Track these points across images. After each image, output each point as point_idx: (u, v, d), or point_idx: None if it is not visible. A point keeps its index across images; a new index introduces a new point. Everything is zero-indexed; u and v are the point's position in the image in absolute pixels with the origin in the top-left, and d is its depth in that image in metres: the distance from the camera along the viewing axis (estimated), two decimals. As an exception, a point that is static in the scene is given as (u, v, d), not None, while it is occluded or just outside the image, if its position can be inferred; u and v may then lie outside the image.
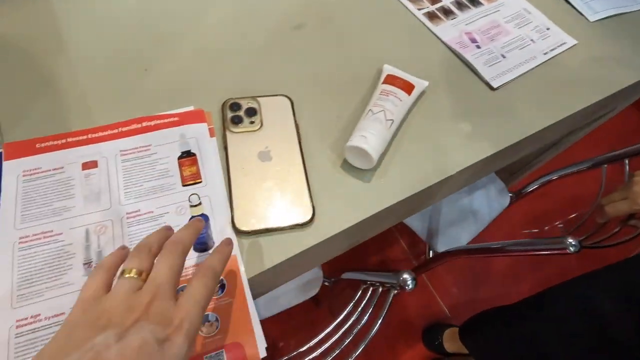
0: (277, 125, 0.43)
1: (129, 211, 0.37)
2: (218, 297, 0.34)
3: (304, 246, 0.38)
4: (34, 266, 0.33)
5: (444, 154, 0.45)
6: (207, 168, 0.40)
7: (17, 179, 0.37)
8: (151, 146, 0.40)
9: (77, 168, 0.38)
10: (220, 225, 0.37)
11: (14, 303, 0.32)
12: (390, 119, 0.42)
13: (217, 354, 0.33)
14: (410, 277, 0.45)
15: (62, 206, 0.36)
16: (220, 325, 0.33)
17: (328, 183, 0.42)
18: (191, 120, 0.42)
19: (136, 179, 0.39)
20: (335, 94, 0.48)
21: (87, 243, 0.35)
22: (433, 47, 0.55)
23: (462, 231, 0.92)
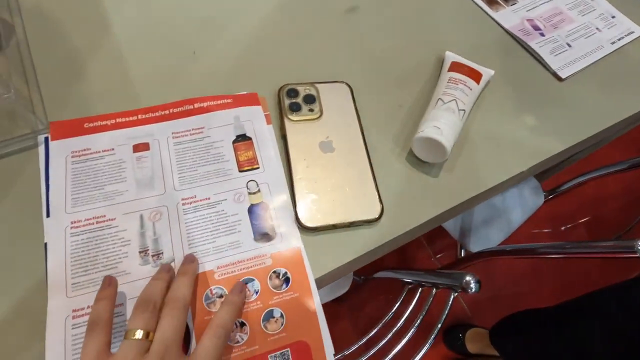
0: (337, 113, 0.40)
1: (184, 197, 0.34)
2: (282, 291, 0.32)
3: (372, 244, 0.35)
4: (88, 253, 0.31)
5: (511, 149, 0.42)
6: (264, 153, 0.37)
7: (65, 160, 0.35)
8: (204, 128, 0.38)
9: (128, 150, 0.36)
10: (281, 215, 0.35)
11: (69, 292, 0.30)
12: (463, 108, 0.39)
13: (282, 353, 0.30)
14: (473, 279, 0.42)
15: (114, 190, 0.34)
16: (285, 322, 0.31)
17: (393, 177, 0.39)
18: (245, 102, 0.40)
19: (190, 163, 0.36)
20: (394, 81, 0.45)
21: (142, 230, 0.32)
22: (493, 33, 0.51)
23: (495, 230, 0.89)
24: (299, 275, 0.33)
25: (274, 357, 0.30)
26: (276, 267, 0.33)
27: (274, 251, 0.33)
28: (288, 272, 0.33)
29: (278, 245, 0.34)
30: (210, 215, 0.34)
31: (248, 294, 0.31)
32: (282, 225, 0.34)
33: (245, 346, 0.30)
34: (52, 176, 0.34)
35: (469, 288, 0.42)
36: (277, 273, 0.33)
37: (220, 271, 0.32)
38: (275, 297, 0.32)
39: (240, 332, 0.30)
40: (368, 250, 0.35)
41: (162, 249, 0.32)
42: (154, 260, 0.32)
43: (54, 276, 0.30)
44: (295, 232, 0.34)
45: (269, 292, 0.32)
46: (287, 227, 0.34)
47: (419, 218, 0.37)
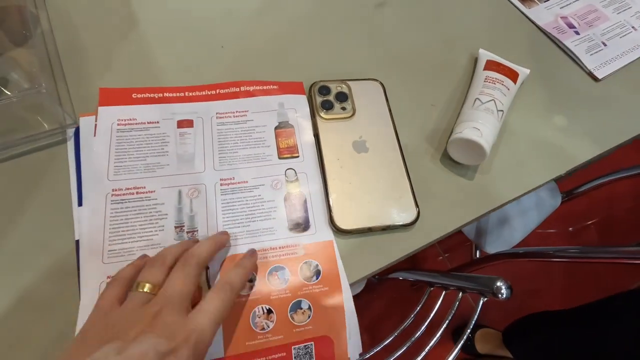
0: (370, 112, 0.39)
1: (223, 177, 0.34)
2: (312, 283, 0.31)
3: (408, 249, 0.34)
4: (126, 222, 0.31)
5: (547, 152, 0.41)
6: (304, 143, 0.37)
7: (111, 127, 0.35)
8: (248, 112, 0.38)
9: (172, 125, 0.36)
10: (317, 206, 0.34)
11: (105, 258, 0.30)
12: (501, 109, 0.37)
13: (306, 346, 0.30)
14: (504, 285, 0.41)
15: (155, 162, 0.34)
16: (312, 315, 0.30)
17: (427, 179, 0.37)
18: (291, 90, 0.39)
19: (231, 145, 0.36)
20: (425, 79, 0.44)
21: (180, 205, 0.32)
22: (526, 31, 0.50)
23: (511, 232, 0.87)
24: (330, 269, 0.32)
25: (297, 349, 0.29)
26: (308, 258, 0.32)
27: (307, 242, 0.33)
28: (319, 264, 0.32)
29: (311, 237, 0.33)
30: (247, 198, 0.34)
31: (278, 282, 0.31)
32: (317, 216, 0.34)
33: (270, 334, 0.29)
34: (97, 141, 0.34)
35: (499, 294, 0.41)
36: (308, 264, 0.32)
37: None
38: (305, 288, 0.31)
39: (266, 319, 0.30)
40: (402, 256, 0.34)
41: (197, 227, 0.32)
42: (189, 237, 0.31)
43: (91, 240, 0.30)
44: (328, 225, 0.34)
45: (298, 282, 0.31)
46: (321, 219, 0.34)
47: (454, 222, 0.36)
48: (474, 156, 0.36)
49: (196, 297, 0.29)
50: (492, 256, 0.80)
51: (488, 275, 0.43)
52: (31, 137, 0.33)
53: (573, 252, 0.59)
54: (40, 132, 0.33)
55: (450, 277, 0.50)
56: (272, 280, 0.31)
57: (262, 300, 0.30)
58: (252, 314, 0.30)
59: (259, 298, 0.30)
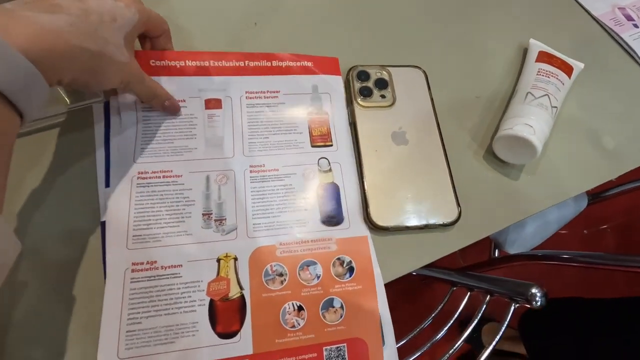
0: (410, 101, 0.36)
1: (252, 164, 0.32)
2: (345, 281, 0.30)
3: (446, 250, 0.32)
4: (152, 207, 0.29)
5: (597, 154, 0.38)
6: (338, 131, 0.35)
7: (135, 104, 0.32)
8: (279, 93, 0.35)
9: (200, 105, 0.33)
10: (352, 199, 0.32)
11: (130, 244, 0.28)
12: (555, 105, 0.35)
13: (338, 348, 0.28)
14: (540, 292, 0.39)
15: (183, 146, 0.32)
16: (345, 314, 0.29)
17: (469, 176, 0.35)
18: (326, 70, 0.36)
19: (262, 130, 0.34)
20: (470, 68, 0.41)
21: (208, 192, 0.31)
22: (580, 21, 0.46)
23: (533, 232, 0.85)
24: (364, 266, 0.30)
25: (329, 350, 0.28)
26: (341, 253, 0.31)
27: (340, 237, 0.31)
28: (353, 261, 0.30)
29: (345, 231, 0.31)
30: (278, 187, 0.32)
31: (309, 278, 0.29)
32: (352, 210, 0.32)
33: (301, 332, 0.28)
34: (123, 120, 0.31)
35: (534, 301, 0.39)
36: (341, 260, 0.30)
37: (282, 248, 0.30)
38: (337, 285, 0.30)
39: (297, 316, 0.28)
40: (440, 257, 0.32)
41: (225, 215, 0.30)
42: (217, 225, 0.30)
43: (116, 224, 0.28)
44: (362, 220, 0.32)
45: (331, 279, 0.30)
46: (355, 213, 0.32)
47: (496, 224, 0.34)
48: (522, 155, 0.34)
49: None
50: (512, 257, 0.77)
51: (521, 281, 0.41)
52: (58, 113, 0.31)
53: (593, 258, 0.57)
54: (67, 106, 0.31)
55: (477, 279, 0.48)
56: (304, 275, 0.29)
57: (292, 296, 0.29)
58: (282, 311, 0.28)
59: (290, 294, 0.29)
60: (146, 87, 0.29)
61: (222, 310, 0.27)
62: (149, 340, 0.26)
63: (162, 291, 0.27)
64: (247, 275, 0.29)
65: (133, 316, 0.26)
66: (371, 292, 0.30)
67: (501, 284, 0.44)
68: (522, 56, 0.42)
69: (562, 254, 0.64)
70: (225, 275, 0.28)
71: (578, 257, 0.60)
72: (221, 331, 0.27)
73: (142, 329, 0.26)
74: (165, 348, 0.26)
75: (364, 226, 0.32)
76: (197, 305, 0.27)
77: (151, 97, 0.30)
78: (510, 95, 0.38)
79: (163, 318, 0.26)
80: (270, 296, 0.28)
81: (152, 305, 0.27)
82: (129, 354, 0.25)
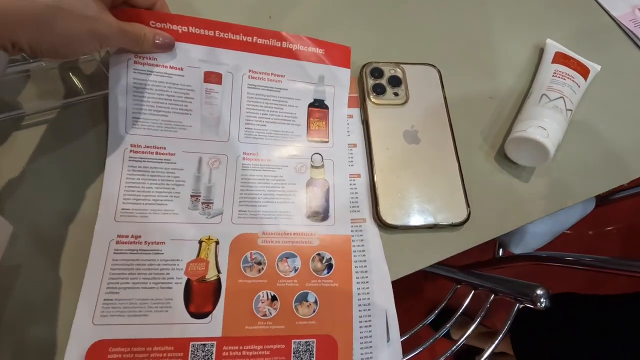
0: (424, 100, 0.36)
1: (246, 151, 0.32)
2: (322, 277, 0.30)
3: (453, 250, 0.32)
4: (142, 183, 0.29)
5: (611, 158, 0.38)
6: (336, 128, 0.34)
7: (127, 64, 0.30)
8: (284, 78, 0.34)
9: (198, 77, 0.32)
10: (340, 197, 0.32)
11: (117, 216, 0.28)
12: (570, 108, 0.34)
13: (307, 342, 0.28)
14: (545, 294, 0.39)
15: (177, 121, 0.31)
16: (318, 310, 0.29)
17: (479, 177, 0.35)
18: (336, 60, 0.35)
19: (260, 115, 0.33)
20: (485, 68, 0.40)
21: (199, 174, 0.31)
22: (598, 21, 0.45)
23: (539, 233, 0.85)
24: (343, 265, 0.31)
25: (297, 343, 0.28)
26: (322, 250, 0.31)
27: (324, 233, 0.31)
28: (333, 258, 0.31)
29: (329, 228, 0.31)
30: (268, 178, 0.32)
31: (287, 269, 0.30)
32: (338, 208, 0.32)
33: (271, 322, 0.28)
34: (111, 80, 0.30)
35: (539, 302, 0.39)
36: (321, 256, 0.31)
37: (264, 237, 0.30)
38: (314, 280, 0.30)
39: (269, 305, 0.29)
40: (447, 257, 0.32)
41: (213, 199, 0.30)
42: (203, 208, 0.30)
43: (107, 195, 0.29)
44: (348, 219, 0.32)
45: (308, 273, 0.30)
46: (342, 212, 0.32)
47: (504, 226, 0.34)
48: (535, 157, 0.33)
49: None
50: (516, 257, 0.77)
51: (527, 282, 0.41)
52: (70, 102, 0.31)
53: (598, 261, 0.57)
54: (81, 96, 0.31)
55: (481, 278, 0.49)
56: (282, 266, 0.30)
57: (267, 285, 0.29)
58: (255, 298, 0.29)
59: (265, 283, 0.29)
60: (129, 35, 0.28)
61: (198, 291, 0.28)
62: (123, 311, 0.27)
63: (143, 265, 0.28)
64: (226, 259, 0.29)
65: (112, 286, 0.27)
66: (347, 291, 0.30)
67: (506, 284, 0.44)
68: (538, 57, 0.41)
69: (566, 256, 0.64)
70: (205, 257, 0.29)
71: (583, 259, 0.60)
72: (194, 311, 0.27)
73: (119, 298, 0.27)
74: (138, 320, 0.27)
75: (349, 226, 0.32)
76: (174, 283, 0.28)
77: (139, 43, 0.29)
78: (525, 97, 0.38)
79: (140, 291, 0.27)
80: (246, 282, 0.29)
81: (132, 277, 0.27)
82: (103, 321, 0.26)
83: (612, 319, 0.66)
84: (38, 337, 0.25)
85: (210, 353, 0.27)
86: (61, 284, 0.27)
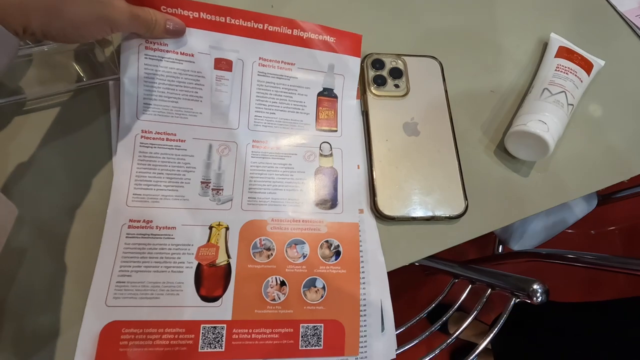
0: (424, 92, 0.36)
1: (256, 139, 0.32)
2: (330, 264, 0.30)
3: (450, 243, 0.33)
4: (153, 169, 0.30)
5: (613, 154, 0.38)
6: (345, 117, 0.35)
7: (138, 52, 0.30)
8: (294, 66, 0.34)
9: (209, 63, 0.32)
10: (348, 186, 0.33)
11: (129, 201, 0.29)
12: (572, 103, 0.34)
13: (315, 327, 0.29)
14: (541, 289, 0.39)
15: (188, 108, 0.31)
16: (326, 295, 0.30)
17: (478, 171, 0.35)
18: (346, 49, 0.35)
19: (269, 104, 0.33)
20: (487, 61, 0.40)
21: (209, 161, 0.31)
22: (605, 16, 0.45)
23: (539, 230, 0.85)
24: (351, 252, 0.31)
25: (305, 327, 0.29)
26: (330, 237, 0.31)
27: (332, 220, 0.32)
28: (341, 245, 0.31)
29: (337, 216, 0.32)
30: (277, 166, 0.32)
31: (295, 255, 0.30)
32: (346, 196, 0.32)
33: (280, 306, 0.29)
34: (122, 66, 0.30)
35: (535, 297, 0.39)
36: (329, 243, 0.31)
37: (273, 224, 0.31)
38: (322, 267, 0.30)
39: (278, 290, 0.29)
40: (443, 249, 0.32)
41: (222, 186, 0.31)
42: (213, 194, 0.30)
43: (118, 180, 0.29)
44: (356, 207, 0.32)
45: (316, 260, 0.30)
46: (350, 200, 0.32)
47: (502, 219, 0.34)
48: (534, 152, 0.33)
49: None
50: (515, 254, 0.77)
51: (524, 276, 0.41)
52: (71, 90, 0.31)
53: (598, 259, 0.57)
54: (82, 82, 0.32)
55: (479, 272, 0.49)
56: (290, 252, 0.30)
57: (276, 271, 0.30)
58: (264, 283, 0.29)
59: (274, 268, 0.30)
60: (140, 21, 0.28)
61: (208, 275, 0.28)
62: (135, 293, 0.27)
63: (154, 249, 0.28)
64: (236, 245, 0.29)
65: (124, 269, 0.27)
66: (354, 278, 0.30)
67: (503, 279, 0.44)
68: (541, 50, 0.41)
69: (566, 254, 0.64)
70: (216, 242, 0.29)
71: (582, 257, 0.60)
72: (204, 294, 0.28)
73: (131, 281, 0.27)
74: (149, 302, 0.27)
75: (357, 214, 0.32)
76: (185, 267, 0.28)
77: (150, 29, 0.29)
78: (526, 91, 0.38)
79: (152, 274, 0.28)
80: (255, 268, 0.29)
81: (143, 261, 0.28)
82: (116, 303, 0.27)
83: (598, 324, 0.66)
84: (45, 321, 0.26)
85: (221, 335, 0.27)
86: (68, 269, 0.27)
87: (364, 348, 0.29)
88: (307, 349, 0.28)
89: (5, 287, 0.26)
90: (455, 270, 0.54)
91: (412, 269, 1.00)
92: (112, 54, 0.33)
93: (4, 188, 0.28)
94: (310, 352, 0.28)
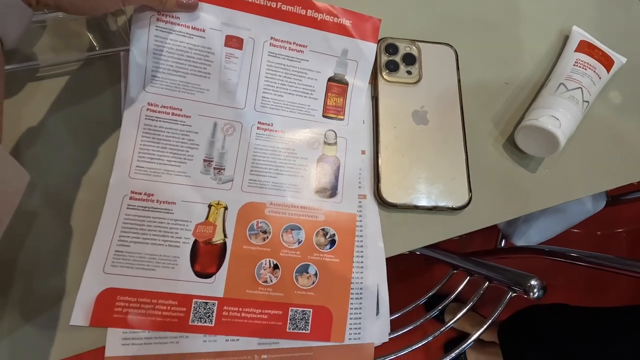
0: (437, 80, 0.36)
1: (261, 121, 0.32)
2: (324, 252, 0.31)
3: (451, 233, 0.33)
4: (157, 143, 0.30)
5: (626, 154, 0.37)
6: (353, 105, 0.34)
7: (149, 23, 0.30)
8: (306, 48, 0.33)
9: (219, 40, 0.31)
10: (349, 176, 0.33)
11: (132, 173, 0.29)
12: (587, 100, 0.33)
13: (304, 311, 0.30)
14: (538, 284, 0.40)
15: (195, 84, 0.31)
16: (317, 282, 0.30)
17: (485, 163, 0.35)
18: (363, 34, 0.34)
19: (278, 85, 0.33)
20: (504, 52, 0.39)
21: (213, 139, 0.31)
22: (631, 11, 0.43)
23: (544, 227, 0.84)
24: (346, 242, 0.31)
25: (294, 311, 0.30)
26: (326, 225, 0.31)
27: (330, 209, 0.32)
28: (336, 234, 0.31)
29: (336, 205, 0.32)
30: (280, 149, 0.32)
31: (291, 240, 0.31)
32: (347, 187, 0.32)
33: (271, 289, 0.30)
34: (133, 38, 0.30)
35: (532, 292, 0.39)
36: (325, 231, 0.31)
37: (272, 208, 0.31)
38: (316, 254, 0.31)
39: (271, 273, 0.30)
40: (444, 239, 0.33)
41: (225, 165, 0.31)
42: (215, 173, 0.31)
43: (122, 151, 0.30)
44: (355, 198, 0.32)
45: (311, 246, 0.31)
46: (350, 191, 0.32)
47: (505, 214, 0.34)
48: (544, 148, 0.33)
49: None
50: (517, 249, 0.77)
51: (522, 272, 0.41)
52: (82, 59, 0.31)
53: (600, 260, 0.56)
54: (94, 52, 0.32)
55: (478, 265, 0.49)
56: (286, 237, 0.31)
57: (271, 254, 0.30)
58: (258, 265, 0.30)
59: (269, 251, 0.30)
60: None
61: (204, 252, 0.29)
62: (132, 263, 0.28)
63: (154, 222, 0.29)
64: (233, 225, 0.30)
65: (123, 239, 0.28)
66: (347, 267, 0.31)
67: (501, 272, 0.44)
68: (562, 44, 0.40)
69: (569, 252, 0.64)
70: (213, 221, 0.30)
71: (585, 256, 0.60)
72: (199, 270, 0.29)
73: (129, 251, 0.28)
74: (145, 273, 0.28)
75: (356, 205, 0.32)
76: (181, 242, 0.29)
77: (163, 1, 0.29)
78: (542, 85, 0.37)
79: (149, 246, 0.28)
80: (250, 249, 0.30)
81: (142, 233, 0.29)
82: (113, 271, 0.28)
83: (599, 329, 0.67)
84: (49, 282, 0.27)
85: (211, 311, 0.28)
86: (73, 234, 0.28)
87: (357, 330, 0.30)
88: (294, 331, 0.29)
89: (17, 248, 0.27)
90: (454, 261, 0.54)
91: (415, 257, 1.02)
92: (125, 24, 0.33)
93: (17, 152, 0.29)
94: (297, 335, 0.29)
